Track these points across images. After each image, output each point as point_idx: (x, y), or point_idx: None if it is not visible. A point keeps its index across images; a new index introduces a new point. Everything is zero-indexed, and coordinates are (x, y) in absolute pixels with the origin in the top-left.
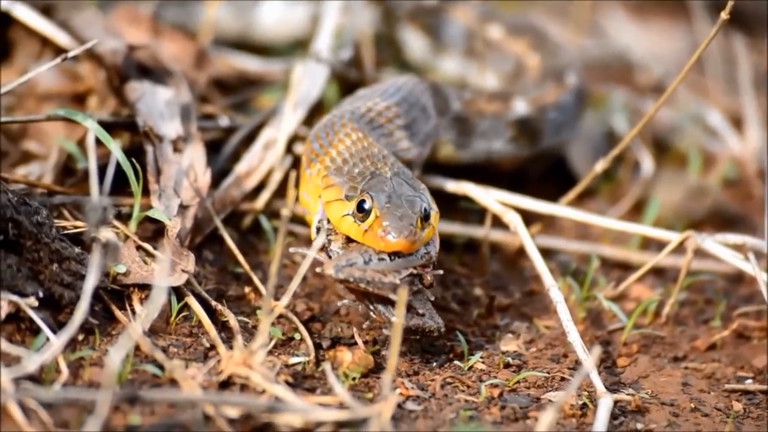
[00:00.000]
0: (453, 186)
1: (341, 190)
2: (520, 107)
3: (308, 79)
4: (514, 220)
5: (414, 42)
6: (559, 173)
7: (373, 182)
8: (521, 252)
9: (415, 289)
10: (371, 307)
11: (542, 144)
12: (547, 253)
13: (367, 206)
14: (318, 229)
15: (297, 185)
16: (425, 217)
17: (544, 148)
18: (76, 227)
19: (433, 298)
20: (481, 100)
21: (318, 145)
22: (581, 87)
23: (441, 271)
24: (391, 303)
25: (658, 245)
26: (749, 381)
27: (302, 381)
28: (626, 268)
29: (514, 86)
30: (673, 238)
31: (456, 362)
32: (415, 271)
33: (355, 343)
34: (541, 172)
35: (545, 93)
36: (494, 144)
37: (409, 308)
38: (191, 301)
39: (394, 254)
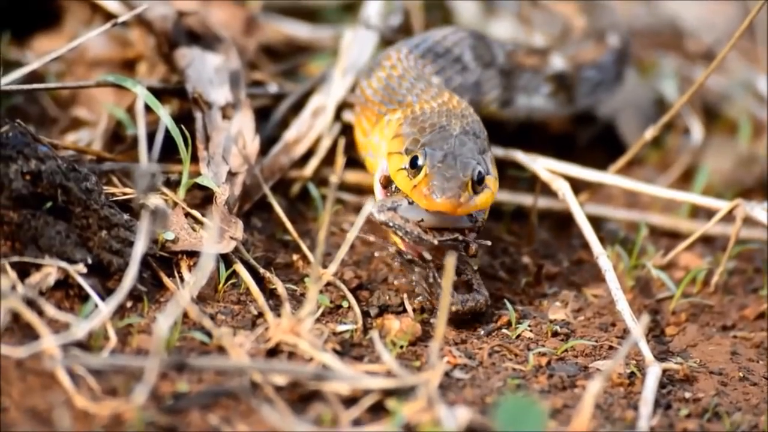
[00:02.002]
0: (501, 153)
1: (404, 142)
2: (558, 62)
3: (357, 46)
4: (563, 188)
5: (464, 6)
6: (608, 141)
7: (435, 137)
8: (569, 220)
9: (458, 255)
10: (428, 283)
11: (579, 102)
12: (595, 221)
13: (419, 163)
14: (381, 184)
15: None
16: (479, 181)
17: (581, 107)
18: (124, 194)
19: (476, 268)
20: (520, 52)
21: (390, 96)
22: (623, 49)
23: (489, 242)
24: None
25: (707, 213)
26: None
27: (350, 349)
28: (675, 236)
29: (554, 43)
30: (723, 206)
31: (504, 330)
32: (459, 237)
33: (403, 312)
34: (589, 138)
35: (583, 51)
36: (534, 100)
37: (467, 285)
38: (239, 268)
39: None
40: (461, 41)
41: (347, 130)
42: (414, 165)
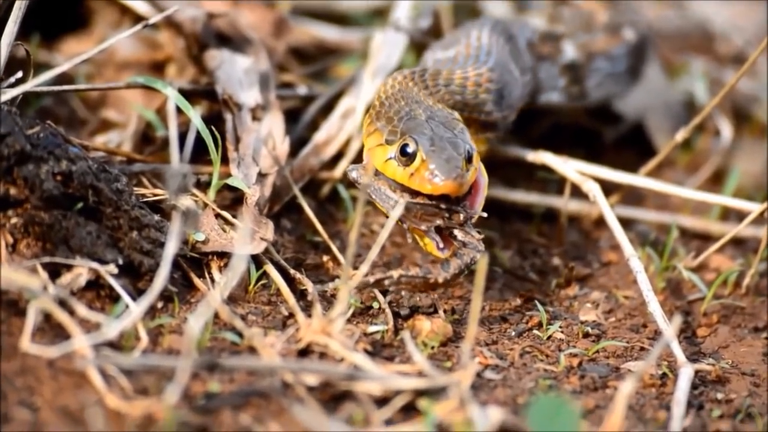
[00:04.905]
0: (531, 156)
1: (381, 134)
2: (569, 50)
3: (387, 48)
4: (594, 190)
5: (495, 7)
6: (638, 142)
7: (412, 125)
8: (599, 222)
9: (439, 223)
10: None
11: (590, 94)
12: (625, 222)
13: (410, 150)
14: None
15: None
16: (468, 159)
17: (593, 100)
18: (155, 195)
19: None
20: (537, 41)
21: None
22: (639, 44)
23: (485, 214)
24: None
25: (738, 215)
26: None
27: (381, 349)
28: (706, 238)
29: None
30: (754, 208)
31: (535, 332)
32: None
33: (434, 313)
34: (616, 137)
35: (596, 40)
36: (553, 95)
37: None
38: (270, 269)
39: (441, 197)
40: (502, 49)
41: None
42: (405, 153)
